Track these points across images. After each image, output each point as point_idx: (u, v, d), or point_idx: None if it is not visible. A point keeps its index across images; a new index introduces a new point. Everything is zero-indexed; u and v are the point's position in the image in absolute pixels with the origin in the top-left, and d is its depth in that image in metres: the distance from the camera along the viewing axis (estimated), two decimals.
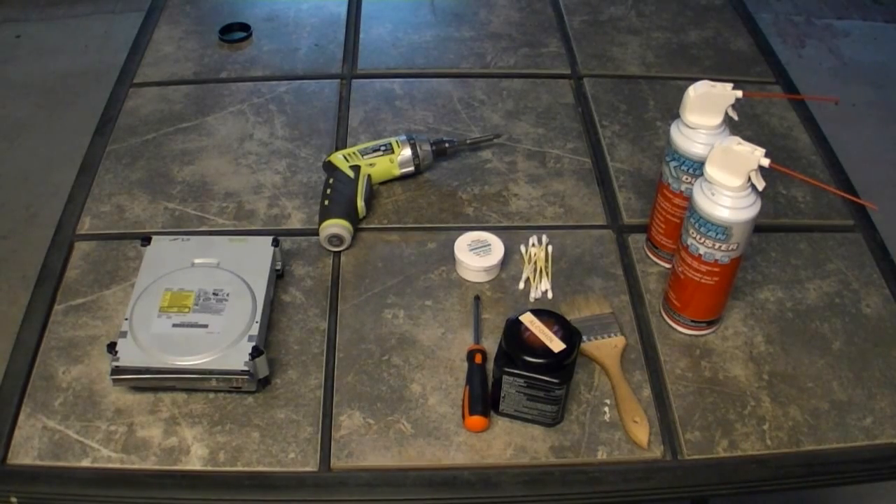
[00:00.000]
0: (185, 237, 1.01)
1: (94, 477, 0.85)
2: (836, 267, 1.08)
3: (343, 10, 1.53)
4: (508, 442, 0.88)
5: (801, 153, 1.26)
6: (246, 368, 0.87)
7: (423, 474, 0.86)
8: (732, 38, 1.49)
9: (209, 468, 0.85)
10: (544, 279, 1.04)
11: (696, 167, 0.94)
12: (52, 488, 0.84)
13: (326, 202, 1.07)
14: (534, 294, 1.02)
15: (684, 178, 0.96)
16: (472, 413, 0.87)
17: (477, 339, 0.96)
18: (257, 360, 0.88)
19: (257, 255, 0.99)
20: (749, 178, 0.84)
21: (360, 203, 1.08)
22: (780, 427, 0.90)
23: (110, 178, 1.18)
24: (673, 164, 0.96)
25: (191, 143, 1.23)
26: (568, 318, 0.90)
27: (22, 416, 0.89)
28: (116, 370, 0.87)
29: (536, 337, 0.86)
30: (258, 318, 0.92)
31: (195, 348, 0.88)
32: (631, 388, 0.92)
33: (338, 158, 1.12)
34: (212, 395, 0.91)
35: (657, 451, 0.87)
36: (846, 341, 0.99)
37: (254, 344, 0.89)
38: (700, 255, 0.90)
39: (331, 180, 1.10)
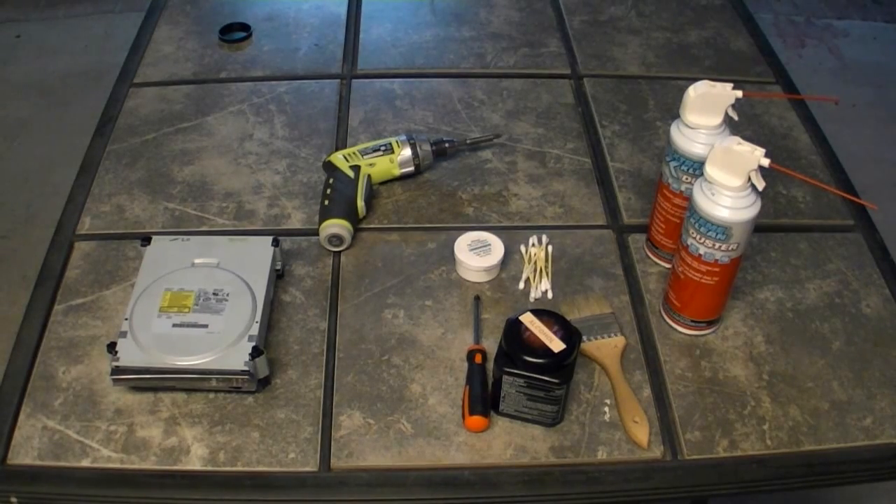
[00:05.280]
0: (185, 237, 1.01)
1: (94, 477, 0.85)
2: (836, 267, 1.08)
3: (343, 10, 1.53)
4: (508, 442, 0.88)
5: (801, 153, 1.26)
6: (246, 368, 0.87)
7: (423, 474, 0.86)
8: (732, 38, 1.49)
9: (209, 468, 0.85)
10: (544, 279, 1.04)
11: (696, 167, 0.94)
12: (52, 488, 0.84)
13: (326, 202, 1.07)
14: (534, 294, 1.02)
15: (684, 178, 0.96)
16: (472, 413, 0.87)
17: (477, 339, 0.96)
18: (257, 360, 0.88)
19: (257, 255, 0.99)
20: (749, 178, 0.84)
21: (360, 203, 1.08)
22: (780, 427, 0.90)
23: (110, 178, 1.18)
24: (673, 164, 0.96)
25: (191, 143, 1.23)
26: (568, 318, 0.90)
27: (22, 416, 0.89)
28: (116, 370, 0.87)
29: (536, 337, 0.86)
30: (258, 318, 0.92)
31: (195, 348, 0.88)
32: (631, 388, 0.92)
33: (338, 158, 1.12)
34: (212, 395, 0.91)
35: (657, 451, 0.87)
36: (846, 341, 0.99)
37: (254, 344, 0.89)
38: (700, 255, 0.90)
39: (331, 180, 1.10)
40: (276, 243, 1.01)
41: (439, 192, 1.16)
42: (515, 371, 0.85)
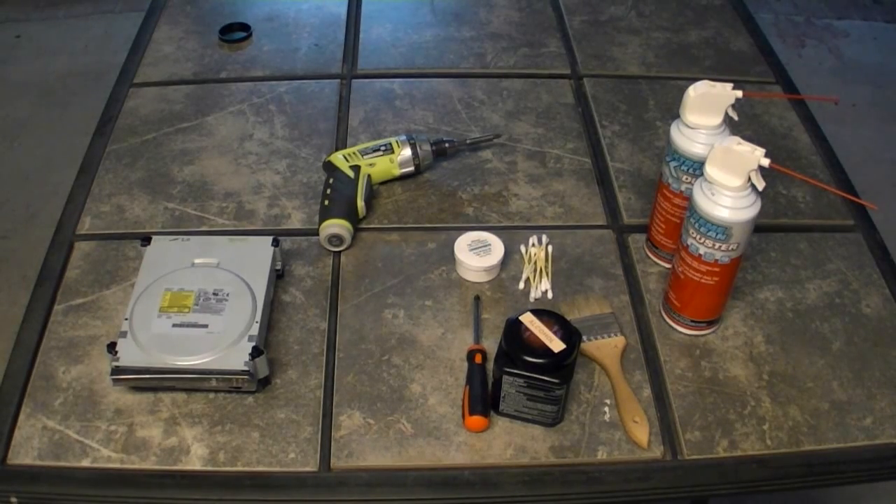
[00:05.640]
0: (185, 237, 1.01)
1: (94, 477, 0.85)
2: (836, 267, 1.08)
3: (343, 10, 1.53)
4: (508, 442, 0.88)
5: (801, 153, 1.26)
6: (246, 368, 0.87)
7: (423, 474, 0.86)
8: (732, 38, 1.49)
9: (209, 468, 0.85)
10: (544, 279, 1.04)
11: (696, 167, 0.94)
12: (52, 488, 0.84)
13: (326, 202, 1.07)
14: (534, 294, 1.02)
15: (684, 178, 0.96)
16: (472, 413, 0.87)
17: (477, 339, 0.96)
18: (257, 360, 0.88)
19: (257, 255, 0.99)
20: (749, 178, 0.84)
21: (360, 203, 1.08)
22: (780, 427, 0.90)
23: (110, 178, 1.18)
24: (673, 164, 0.96)
25: (191, 143, 1.23)
26: (568, 318, 0.90)
27: (22, 416, 0.89)
28: (116, 370, 0.87)
29: (536, 337, 0.86)
30: (258, 318, 0.92)
31: (195, 348, 0.88)
32: (631, 388, 0.92)
33: (338, 158, 1.12)
34: (212, 395, 0.91)
35: (657, 451, 0.87)
36: (846, 341, 0.99)
37: (254, 344, 0.89)
38: (700, 255, 0.90)
39: (331, 180, 1.10)
40: (276, 243, 1.01)
41: (439, 192, 1.16)
42: (515, 371, 0.85)
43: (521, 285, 1.04)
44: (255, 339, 0.89)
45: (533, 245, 1.08)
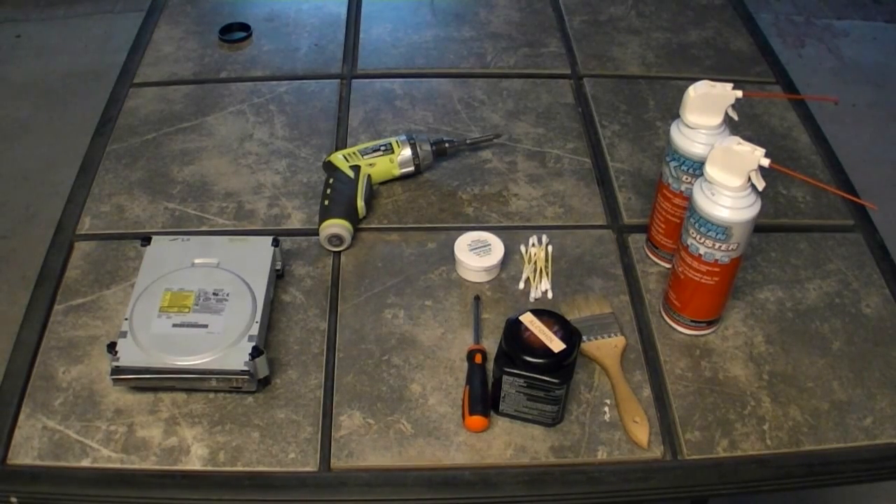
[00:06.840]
0: (185, 237, 1.01)
1: (94, 477, 0.85)
2: (836, 267, 1.08)
3: (343, 10, 1.53)
4: (508, 442, 0.88)
5: (801, 153, 1.26)
6: (246, 368, 0.87)
7: (423, 474, 0.86)
8: (732, 38, 1.49)
9: (209, 468, 0.85)
10: (544, 279, 1.04)
11: (696, 167, 0.94)
12: (52, 488, 0.84)
13: (326, 202, 1.07)
14: (534, 294, 1.02)
15: (684, 178, 0.96)
16: (472, 413, 0.87)
17: (477, 339, 0.96)
18: (257, 360, 0.88)
19: (257, 255, 0.99)
20: (749, 178, 0.84)
21: (360, 203, 1.08)
22: (780, 427, 0.90)
23: (110, 178, 1.18)
24: (673, 164, 0.96)
25: (191, 143, 1.23)
26: (568, 318, 0.90)
27: (22, 416, 0.89)
28: (116, 370, 0.87)
29: (536, 337, 0.86)
30: (258, 318, 0.92)
31: (195, 348, 0.88)
32: (631, 388, 0.92)
33: (338, 158, 1.12)
34: (212, 395, 0.91)
35: (657, 451, 0.87)
36: (846, 341, 0.99)
37: (254, 344, 0.89)
38: (700, 255, 0.90)
39: (331, 180, 1.10)
40: (276, 243, 1.01)
41: (439, 192, 1.16)
42: (515, 371, 0.85)
43: (521, 285, 1.04)
44: (255, 339, 0.89)
45: (533, 245, 1.08)
